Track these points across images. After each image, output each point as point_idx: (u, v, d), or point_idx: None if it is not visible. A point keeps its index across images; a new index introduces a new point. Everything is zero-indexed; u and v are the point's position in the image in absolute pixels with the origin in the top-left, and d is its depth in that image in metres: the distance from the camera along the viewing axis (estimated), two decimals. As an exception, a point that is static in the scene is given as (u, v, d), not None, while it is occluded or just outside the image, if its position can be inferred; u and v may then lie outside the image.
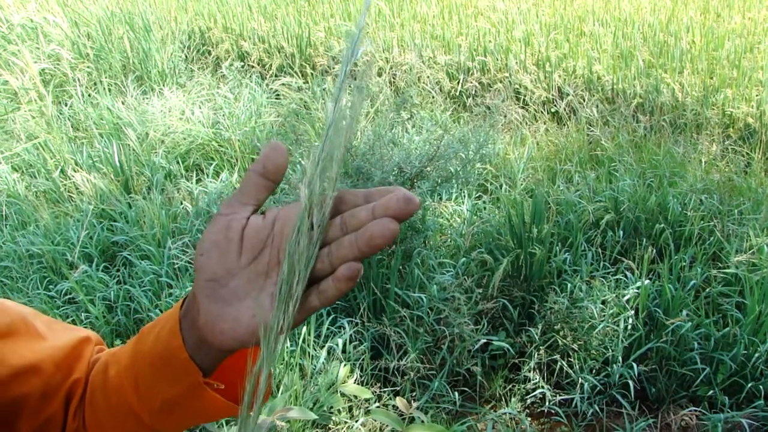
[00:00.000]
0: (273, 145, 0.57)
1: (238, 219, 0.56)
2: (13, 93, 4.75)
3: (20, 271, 3.41)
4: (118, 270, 3.45)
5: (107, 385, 0.66)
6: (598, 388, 2.93)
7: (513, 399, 2.98)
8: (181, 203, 3.82)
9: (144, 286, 3.28)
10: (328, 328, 3.00)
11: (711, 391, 2.90)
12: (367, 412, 2.86)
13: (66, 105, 4.83)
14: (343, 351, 2.95)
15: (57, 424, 0.68)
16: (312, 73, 5.53)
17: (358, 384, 2.91)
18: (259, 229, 0.56)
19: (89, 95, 4.85)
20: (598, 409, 2.90)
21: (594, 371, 2.98)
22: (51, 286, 3.34)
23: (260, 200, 0.58)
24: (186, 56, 5.89)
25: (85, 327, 3.15)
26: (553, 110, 4.88)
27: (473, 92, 5.18)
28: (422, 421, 2.62)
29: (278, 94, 5.09)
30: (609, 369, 2.97)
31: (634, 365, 2.92)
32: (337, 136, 0.55)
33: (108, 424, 0.68)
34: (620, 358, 2.96)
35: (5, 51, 5.15)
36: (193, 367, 0.59)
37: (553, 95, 4.95)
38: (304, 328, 2.93)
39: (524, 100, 5.00)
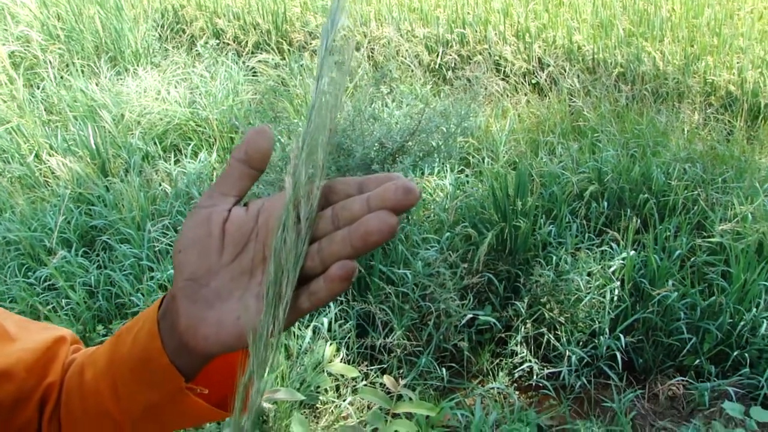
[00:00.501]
0: (257, 128, 0.52)
1: (219, 212, 0.51)
2: (-18, 77, 4.62)
3: (-4, 259, 3.34)
4: (97, 255, 3.39)
5: (83, 388, 0.61)
6: (585, 361, 2.93)
7: (501, 373, 2.97)
8: (160, 185, 3.75)
9: (125, 270, 3.22)
10: (312, 308, 2.96)
11: (697, 361, 2.91)
12: (355, 391, 2.84)
13: (38, 88, 4.71)
14: (329, 330, 2.92)
15: (31, 431, 0.64)
16: (289, 50, 5.44)
17: (344, 363, 2.89)
18: (242, 222, 0.51)
19: (62, 77, 4.73)
20: (585, 382, 2.90)
21: (581, 344, 2.97)
22: (30, 273, 3.27)
23: (243, 190, 0.53)
24: (160, 35, 5.77)
25: (66, 313, 3.10)
26: (533, 81, 4.84)
27: (453, 65, 5.12)
28: (410, 399, 2.61)
29: (255, 72, 5.00)
30: (596, 341, 2.96)
31: (621, 336, 2.92)
32: (322, 117, 0.50)
33: (85, 430, 0.63)
34: (607, 329, 2.95)
35: (-28, 33, 5.01)
36: (174, 372, 0.54)
37: (533, 66, 4.90)
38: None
39: (504, 71, 4.95)
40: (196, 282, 0.50)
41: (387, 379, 2.54)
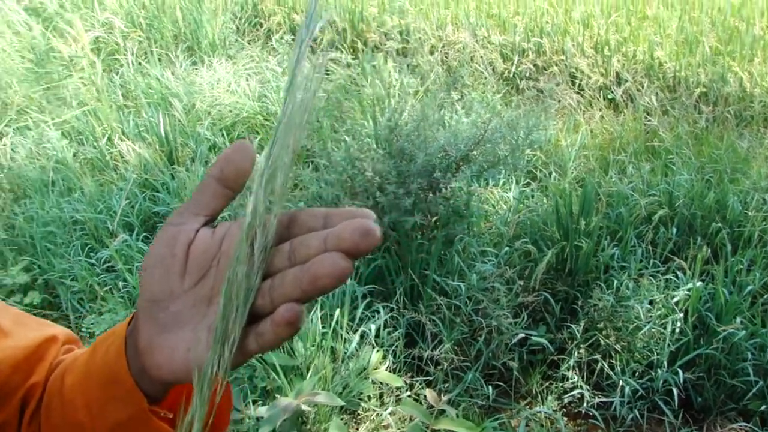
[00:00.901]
0: (237, 145, 0.48)
1: (186, 231, 0.48)
2: (69, 60, 4.78)
3: (63, 237, 3.44)
4: (157, 241, 3.45)
5: (63, 394, 0.59)
6: (639, 393, 2.80)
7: (549, 397, 2.87)
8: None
9: (181, 258, 3.27)
10: (362, 312, 2.94)
11: (764, 406, 2.74)
12: (398, 401, 2.79)
13: (117, 74, 4.84)
14: (377, 336, 2.89)
15: (10, 431, 0.62)
16: (363, 49, 5.43)
17: (389, 371, 2.85)
18: (207, 246, 0.48)
19: (139, 64, 4.85)
20: (638, 415, 2.78)
21: (636, 374, 2.84)
22: (92, 254, 3.36)
23: (215, 210, 0.50)
24: (237, 27, 5.85)
25: (122, 296, 3.16)
26: (609, 97, 4.68)
27: (527, 74, 5.01)
28: (456, 415, 2.55)
29: (327, 70, 5.01)
30: (653, 373, 2.83)
31: (680, 371, 2.77)
32: (287, 135, 0.46)
33: None
34: (665, 362, 2.82)
35: (62, 19, 5.19)
36: (137, 393, 0.52)
37: (610, 81, 4.74)
38: (338, 311, 2.87)
39: (579, 85, 4.81)
40: (157, 304, 0.48)
41: (429, 394, 2.48)
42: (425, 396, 2.73)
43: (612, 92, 4.66)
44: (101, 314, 2.99)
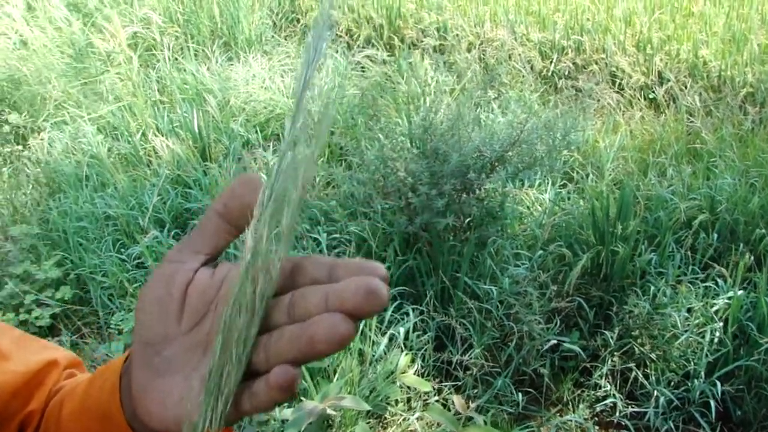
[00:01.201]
0: (244, 177, 0.45)
1: (185, 271, 0.45)
2: (107, 55, 4.83)
3: (96, 232, 3.47)
4: (188, 237, 3.45)
5: (60, 422, 0.57)
6: (674, 404, 2.72)
7: (581, 405, 2.81)
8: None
9: (212, 256, 3.27)
10: (391, 314, 2.90)
11: (805, 420, 2.64)
12: (426, 406, 2.75)
13: (153, 69, 4.87)
14: (406, 339, 2.85)
15: None
16: (399, 46, 5.38)
17: (418, 375, 2.81)
18: (206, 288, 0.45)
19: (176, 60, 4.87)
20: (673, 426, 2.69)
21: (672, 384, 2.76)
22: (123, 249, 3.38)
23: (217, 249, 0.46)
24: (274, 23, 5.85)
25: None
26: (650, 96, 4.56)
27: (566, 73, 4.90)
28: (483, 422, 2.50)
29: (363, 67, 4.97)
30: (689, 384, 2.74)
31: (718, 383, 2.68)
32: (294, 168, 0.42)
33: None
34: (703, 373, 2.72)
35: (101, 15, 5.24)
36: None
37: (652, 80, 4.62)
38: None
39: (620, 84, 4.69)
40: (151, 347, 0.44)
41: (457, 400, 2.44)
42: (453, 401, 2.69)
43: (653, 92, 4.53)
44: (130, 311, 3.00)
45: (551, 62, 4.99)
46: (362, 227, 3.17)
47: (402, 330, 2.81)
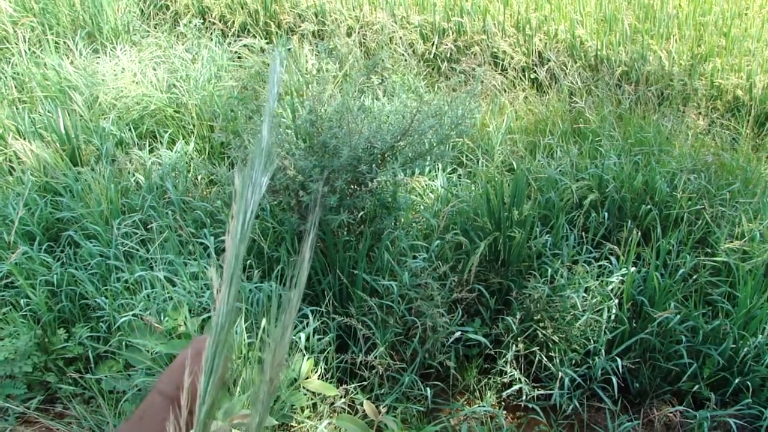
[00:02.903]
0: (196, 348, 0.33)
1: None
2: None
3: (-48, 251, 3.10)
4: (62, 251, 3.16)
5: None
6: (577, 382, 2.75)
7: (488, 393, 2.79)
8: (133, 175, 3.52)
9: (90, 269, 3.01)
10: (290, 318, 2.75)
11: (696, 387, 2.74)
12: (333, 411, 2.65)
13: (8, 64, 4.43)
14: (306, 342, 2.72)
15: None
16: (277, 32, 5.18)
17: (322, 379, 2.69)
18: None
19: (33, 53, 4.46)
20: (577, 405, 2.73)
21: (574, 364, 2.79)
22: (-14, 269, 3.05)
23: None
24: (142, 10, 5.48)
25: (25, 315, 2.88)
26: (533, 77, 4.62)
27: (448, 55, 4.89)
28: (395, 423, 2.42)
29: (240, 56, 4.74)
30: (590, 362, 2.79)
31: (618, 359, 2.74)
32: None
33: None
34: (603, 351, 2.77)
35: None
36: None
37: (533, 61, 4.68)
38: (264, 319, 2.69)
39: (502, 65, 4.73)
40: None
41: (367, 406, 2.35)
42: (361, 402, 2.59)
43: (535, 72, 4.59)
44: (0, 339, 2.70)
45: (433, 45, 4.95)
46: (252, 227, 3.00)
47: (303, 334, 2.68)
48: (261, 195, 0.34)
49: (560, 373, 2.75)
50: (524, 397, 2.77)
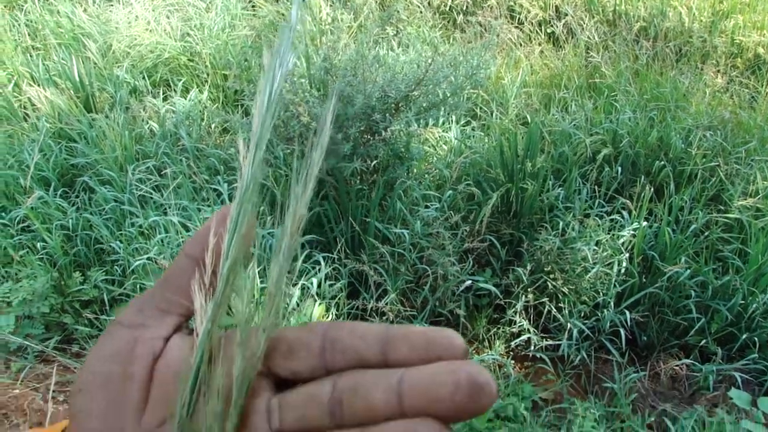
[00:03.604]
0: (222, 214, 0.33)
1: (149, 340, 0.32)
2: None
3: (-32, 195, 3.14)
4: (77, 196, 3.19)
5: None
6: (586, 334, 2.78)
7: (497, 342, 2.82)
8: (147, 123, 3.53)
9: (105, 215, 3.04)
10: (302, 264, 2.79)
11: (703, 341, 2.76)
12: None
13: (21, 11, 4.42)
14: (318, 288, 2.75)
15: None
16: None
17: (333, 325, 2.73)
18: (181, 364, 0.31)
19: (46, 1, 4.44)
20: (585, 356, 2.76)
21: (583, 316, 2.82)
22: (4, 214, 3.08)
23: (194, 307, 0.33)
24: (155, -41, 5.42)
25: (41, 258, 2.92)
26: (549, 31, 4.56)
27: (464, 8, 4.83)
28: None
29: (254, 5, 4.70)
30: (599, 314, 2.81)
31: (626, 311, 2.76)
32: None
33: None
34: (612, 303, 2.79)
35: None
36: None
37: (550, 15, 4.62)
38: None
39: (519, 19, 4.67)
40: None
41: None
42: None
43: (552, 26, 4.54)
44: (19, 280, 2.75)
45: (449, -2, 4.89)
46: (265, 174, 3.02)
47: (315, 280, 2.71)
48: (287, 70, 0.34)
49: (569, 324, 2.77)
50: (532, 348, 2.80)
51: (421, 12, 4.74)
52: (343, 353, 0.29)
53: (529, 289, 2.87)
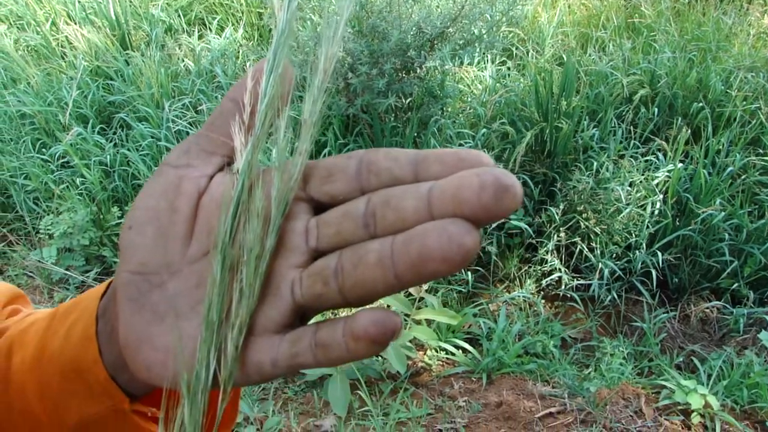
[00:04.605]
0: (261, 62, 0.34)
1: (194, 178, 0.33)
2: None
3: (11, 132, 3.21)
4: (114, 132, 3.25)
5: (9, 374, 0.43)
6: (617, 275, 2.79)
7: (528, 281, 2.85)
8: (183, 61, 3.55)
9: (142, 150, 3.09)
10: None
11: (735, 284, 2.75)
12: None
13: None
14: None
15: None
16: None
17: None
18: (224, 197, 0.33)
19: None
20: (615, 296, 2.78)
21: (615, 256, 2.82)
22: (44, 150, 3.15)
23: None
24: None
25: (80, 193, 2.99)
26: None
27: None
28: (435, 303, 2.50)
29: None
30: (631, 255, 2.81)
31: (659, 253, 2.75)
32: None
33: (5, 425, 0.44)
34: (644, 244, 2.79)
35: None
36: (115, 390, 0.38)
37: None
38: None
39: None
40: (146, 279, 0.33)
41: (409, 282, 2.42)
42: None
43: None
44: (59, 214, 2.83)
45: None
46: (299, 110, 3.03)
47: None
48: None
49: (600, 264, 2.78)
50: (563, 287, 2.82)
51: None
52: (378, 175, 0.31)
53: (561, 229, 2.87)
